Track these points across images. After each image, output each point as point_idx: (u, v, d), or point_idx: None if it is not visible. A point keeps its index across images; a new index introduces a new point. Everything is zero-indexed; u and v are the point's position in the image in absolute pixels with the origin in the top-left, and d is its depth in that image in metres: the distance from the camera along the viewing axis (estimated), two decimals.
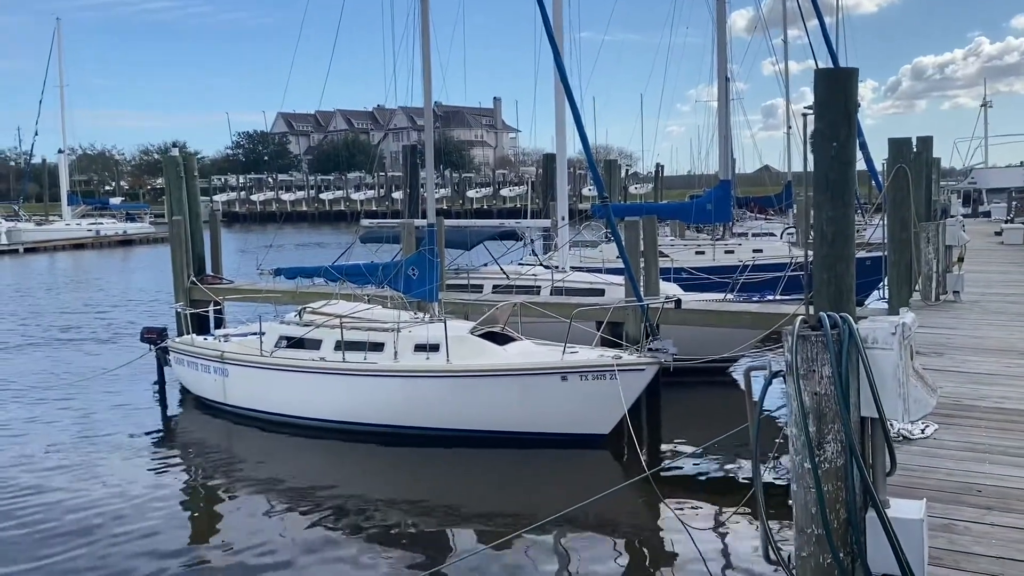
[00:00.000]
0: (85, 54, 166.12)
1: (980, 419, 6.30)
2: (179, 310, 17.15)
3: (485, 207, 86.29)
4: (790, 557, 3.86)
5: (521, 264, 19.12)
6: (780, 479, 9.85)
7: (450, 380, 12.15)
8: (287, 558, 8.71)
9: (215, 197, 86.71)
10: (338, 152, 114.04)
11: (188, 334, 15.73)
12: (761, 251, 22.86)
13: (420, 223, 16.30)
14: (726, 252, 23.30)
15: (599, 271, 18.11)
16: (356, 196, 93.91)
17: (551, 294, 16.33)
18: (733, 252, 23.13)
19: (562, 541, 8.99)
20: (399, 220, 19.71)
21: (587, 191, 70.28)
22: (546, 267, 18.42)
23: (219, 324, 17.05)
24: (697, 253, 23.48)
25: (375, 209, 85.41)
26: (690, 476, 11.00)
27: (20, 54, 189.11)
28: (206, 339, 15.20)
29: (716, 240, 24.77)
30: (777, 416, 11.90)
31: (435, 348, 12.36)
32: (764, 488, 4.04)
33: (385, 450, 12.34)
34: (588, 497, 8.43)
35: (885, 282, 12.50)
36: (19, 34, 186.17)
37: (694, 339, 13.13)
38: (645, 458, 10.13)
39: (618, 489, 9.29)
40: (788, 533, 3.92)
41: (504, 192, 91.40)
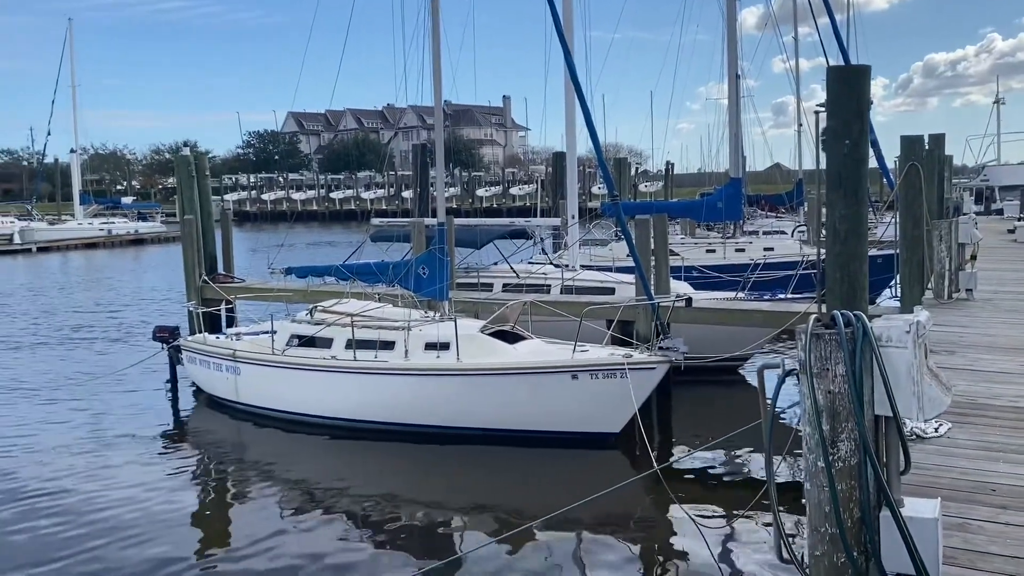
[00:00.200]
0: (96, 54, 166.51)
1: (994, 418, 6.26)
2: (191, 309, 17.22)
3: (495, 206, 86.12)
4: (803, 556, 3.85)
5: (531, 263, 19.10)
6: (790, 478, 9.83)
7: (460, 379, 12.17)
8: (299, 555, 8.74)
9: (226, 196, 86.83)
10: (348, 151, 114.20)
11: (200, 333, 15.81)
12: (772, 249, 22.77)
13: (430, 222, 16.32)
14: (737, 250, 23.24)
15: (609, 270, 18.11)
16: (366, 195, 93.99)
17: (561, 293, 16.32)
18: (744, 250, 23.07)
19: (571, 536, 9.01)
20: (409, 219, 19.75)
21: (597, 189, 70.19)
22: (556, 266, 18.40)
23: (231, 323, 17.16)
24: (708, 251, 23.43)
25: (385, 208, 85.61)
26: (701, 474, 10.98)
27: (32, 55, 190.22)
28: (218, 338, 15.29)
29: (727, 238, 24.72)
30: (786, 415, 11.88)
31: (445, 347, 12.38)
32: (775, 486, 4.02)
33: (395, 448, 12.37)
34: (597, 495, 8.44)
35: (897, 280, 12.44)
36: (31, 34, 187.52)
37: (705, 338, 13.10)
38: (656, 457, 10.12)
39: (628, 484, 9.29)
40: (798, 530, 3.92)
41: (514, 191, 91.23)
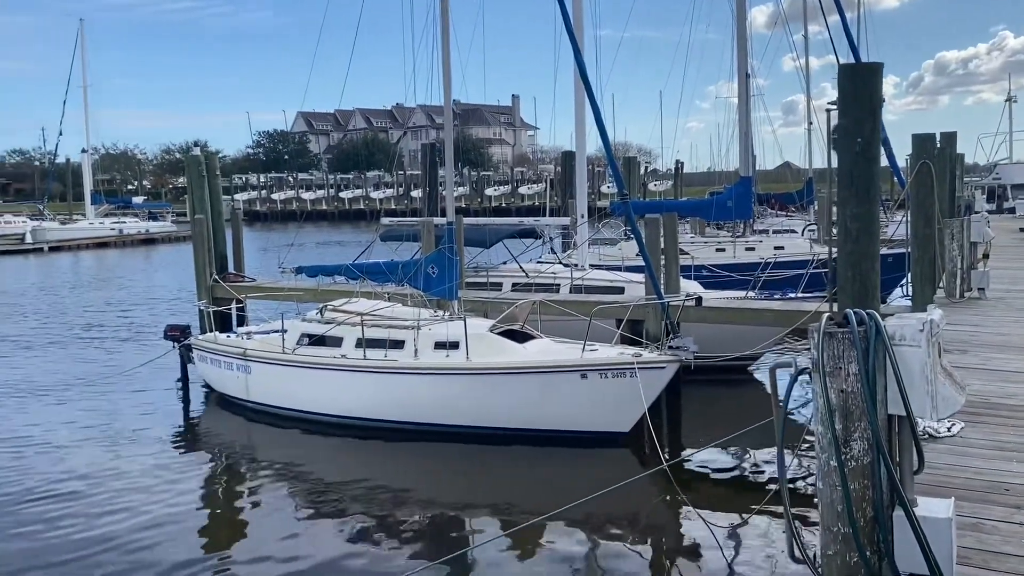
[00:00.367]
0: (107, 55, 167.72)
1: (1007, 417, 6.23)
2: (202, 308, 17.28)
3: (504, 205, 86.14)
4: (816, 555, 3.83)
5: (540, 262, 19.09)
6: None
7: (470, 378, 12.17)
8: (309, 552, 8.77)
9: (236, 196, 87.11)
10: (358, 151, 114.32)
11: (211, 332, 15.86)
12: (782, 248, 22.68)
13: (439, 221, 16.31)
14: (747, 249, 23.15)
15: (619, 269, 18.07)
16: (376, 195, 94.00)
17: (570, 292, 16.30)
18: (754, 249, 22.98)
19: (581, 533, 9.01)
20: (418, 218, 19.75)
21: (606, 188, 70.08)
22: (565, 265, 18.38)
23: (241, 322, 17.21)
24: (718, 250, 23.35)
25: (394, 207, 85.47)
26: (710, 473, 10.95)
27: (43, 55, 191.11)
28: (229, 336, 15.34)
29: (737, 237, 24.60)
30: (794, 414, 11.84)
31: (455, 346, 12.39)
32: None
33: (404, 446, 12.39)
34: (607, 490, 8.45)
35: (908, 279, 12.37)
36: (42, 35, 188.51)
37: (715, 337, 13.05)
38: (665, 456, 10.10)
39: (637, 482, 9.28)
40: (809, 529, 3.91)
41: (523, 190, 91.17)
